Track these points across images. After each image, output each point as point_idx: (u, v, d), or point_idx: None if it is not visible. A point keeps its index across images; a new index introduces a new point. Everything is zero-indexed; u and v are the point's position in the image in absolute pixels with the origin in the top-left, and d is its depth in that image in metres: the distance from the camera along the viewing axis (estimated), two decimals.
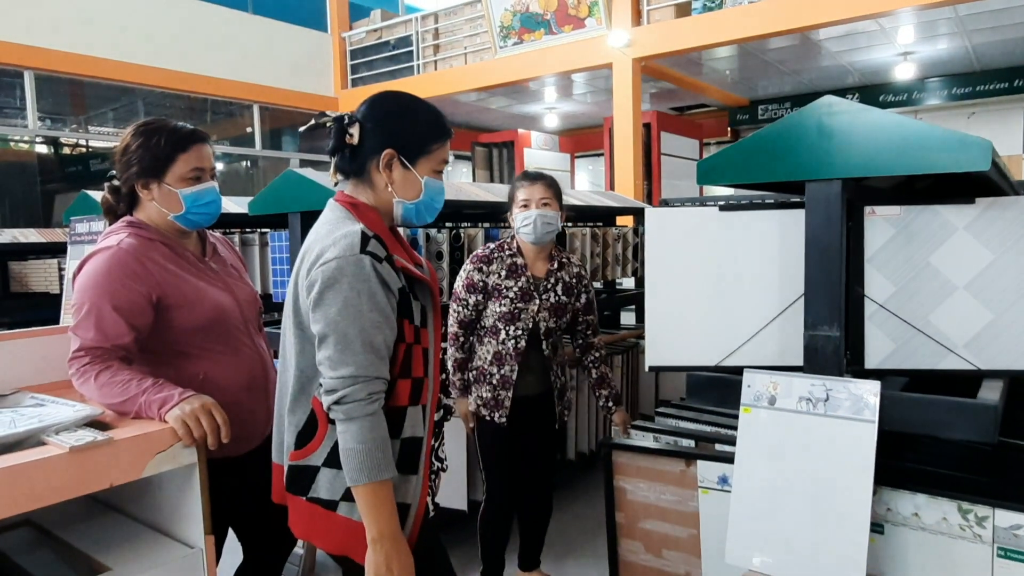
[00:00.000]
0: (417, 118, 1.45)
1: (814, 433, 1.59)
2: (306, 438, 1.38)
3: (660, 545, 2.03)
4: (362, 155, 1.42)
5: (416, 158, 1.43)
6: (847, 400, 1.56)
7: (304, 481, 1.39)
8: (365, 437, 1.28)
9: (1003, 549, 1.48)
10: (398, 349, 1.37)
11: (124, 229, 1.66)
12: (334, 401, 1.29)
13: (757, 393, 1.67)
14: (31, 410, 1.47)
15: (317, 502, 1.38)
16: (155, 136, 1.66)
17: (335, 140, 1.42)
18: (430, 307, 1.45)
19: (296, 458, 1.39)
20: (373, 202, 1.44)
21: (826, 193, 1.61)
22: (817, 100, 1.60)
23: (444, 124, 1.48)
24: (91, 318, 1.54)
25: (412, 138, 1.43)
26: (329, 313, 1.30)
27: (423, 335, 1.43)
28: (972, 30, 7.37)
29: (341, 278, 1.29)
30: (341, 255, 1.30)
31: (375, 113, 1.43)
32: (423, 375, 1.42)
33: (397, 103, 1.46)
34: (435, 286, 1.50)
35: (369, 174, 1.43)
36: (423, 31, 9.33)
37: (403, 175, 1.43)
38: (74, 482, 1.27)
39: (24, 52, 7.25)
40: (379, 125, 1.42)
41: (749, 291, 1.82)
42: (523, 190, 2.41)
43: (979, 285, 1.64)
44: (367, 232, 1.33)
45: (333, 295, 1.29)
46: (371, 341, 1.30)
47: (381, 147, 1.41)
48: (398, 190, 1.43)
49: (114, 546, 1.53)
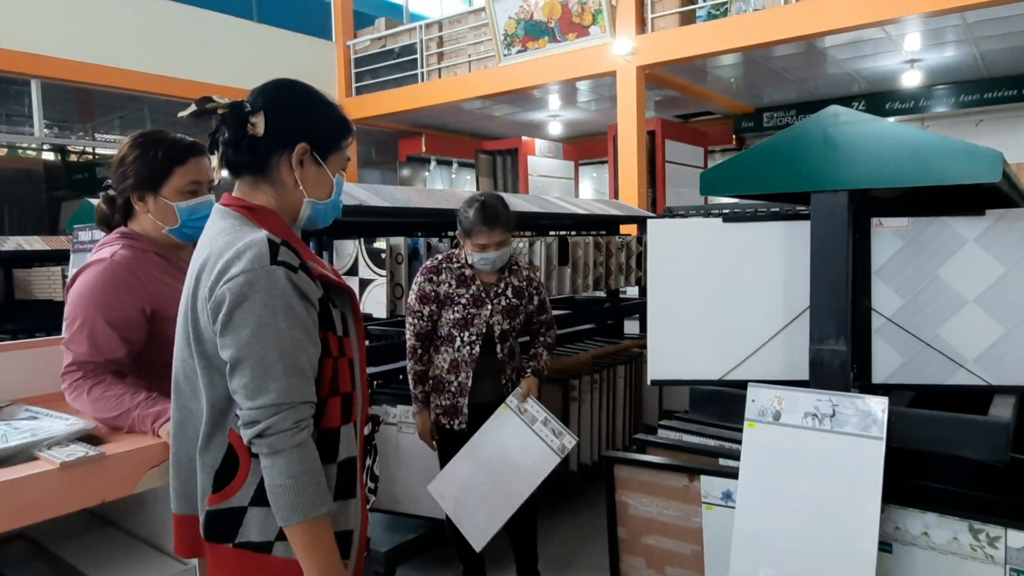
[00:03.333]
0: (328, 111, 1.32)
1: (820, 449, 1.55)
2: (226, 478, 1.21)
3: (663, 561, 1.99)
4: (264, 148, 1.25)
5: (328, 154, 1.30)
6: (854, 416, 1.53)
7: (228, 526, 1.22)
8: (295, 471, 1.14)
9: (1016, 571, 1.45)
10: (324, 365, 1.23)
11: (117, 241, 1.64)
12: (256, 434, 1.14)
13: (762, 408, 1.63)
14: (24, 423, 1.45)
15: (247, 546, 1.21)
16: (153, 148, 1.64)
17: (233, 131, 1.24)
18: (350, 313, 1.32)
19: (216, 502, 1.22)
20: (274, 203, 1.28)
21: (832, 204, 1.58)
22: (823, 110, 1.58)
23: (348, 119, 1.35)
24: (84, 332, 1.52)
25: (324, 133, 1.30)
26: (241, 336, 1.14)
27: (347, 345, 1.29)
28: (980, 37, 7.34)
29: (251, 294, 1.14)
30: (249, 268, 1.14)
31: (282, 102, 1.28)
32: (351, 389, 1.29)
33: (306, 93, 1.31)
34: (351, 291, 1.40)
35: (275, 171, 1.27)
36: (427, 39, 9.35)
37: (316, 172, 1.29)
38: (65, 498, 1.25)
39: (31, 60, 7.28)
40: (289, 116, 1.27)
41: (753, 303, 1.80)
42: (483, 235, 2.39)
43: (990, 298, 1.61)
44: (274, 239, 1.18)
45: (244, 315, 1.14)
46: (294, 362, 1.15)
47: (292, 141, 1.25)
48: (310, 189, 1.29)
49: (108, 561, 1.51)
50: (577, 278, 3.75)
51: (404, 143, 11.74)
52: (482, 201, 2.43)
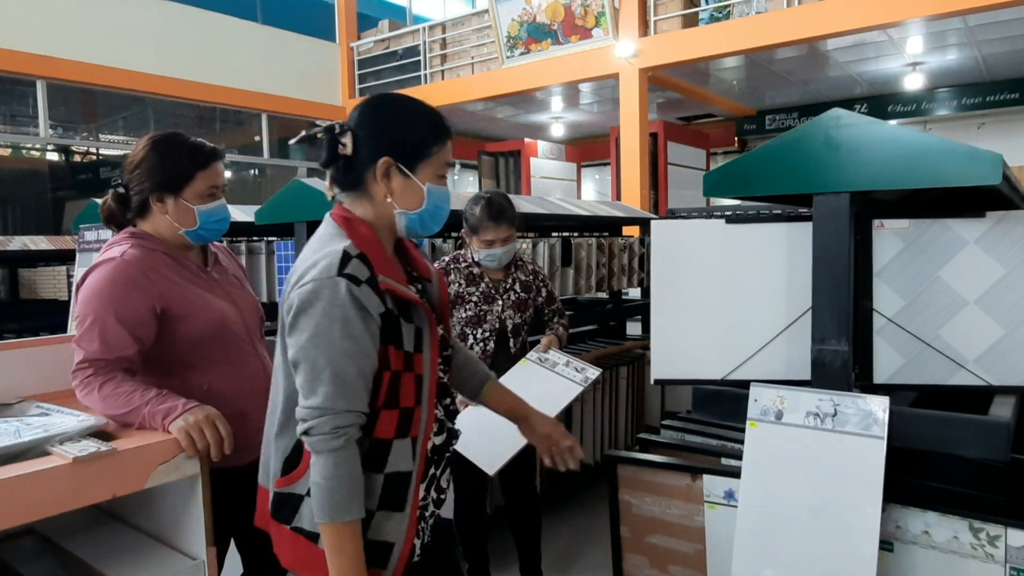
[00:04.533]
0: (413, 120, 1.34)
1: (822, 449, 1.57)
2: (292, 465, 1.30)
3: (666, 560, 2.01)
4: (357, 166, 1.31)
5: (415, 164, 1.32)
6: (855, 415, 1.54)
7: (289, 509, 1.30)
8: (327, 474, 1.20)
9: (1016, 569, 1.46)
10: (382, 377, 1.26)
11: (127, 240, 1.66)
12: (303, 432, 1.22)
13: (764, 407, 1.65)
14: (36, 419, 1.46)
15: (300, 532, 1.29)
16: (175, 152, 1.66)
17: (327, 152, 1.31)
18: (427, 330, 1.33)
19: (282, 485, 1.31)
20: (371, 215, 1.34)
21: (834, 206, 1.59)
22: (824, 113, 1.59)
23: (443, 123, 1.36)
24: (95, 330, 1.54)
25: (409, 142, 1.32)
26: (301, 340, 1.22)
27: (416, 361, 1.31)
28: (982, 40, 7.35)
29: (315, 302, 1.21)
30: (317, 278, 1.22)
31: (367, 119, 1.32)
32: (414, 404, 1.31)
33: (390, 106, 1.35)
34: (443, 306, 1.42)
35: (366, 185, 1.32)
36: (430, 41, 9.37)
37: (403, 183, 1.32)
38: (77, 493, 1.27)
39: (37, 61, 7.32)
40: (373, 132, 1.31)
41: (756, 304, 1.81)
42: (490, 231, 2.41)
43: (990, 300, 1.63)
44: (350, 251, 1.24)
45: (305, 321, 1.22)
46: (340, 372, 1.20)
47: (376, 155, 1.30)
48: (398, 200, 1.32)
49: (117, 557, 1.52)
50: (580, 279, 3.76)
51: None
52: (487, 198, 2.45)
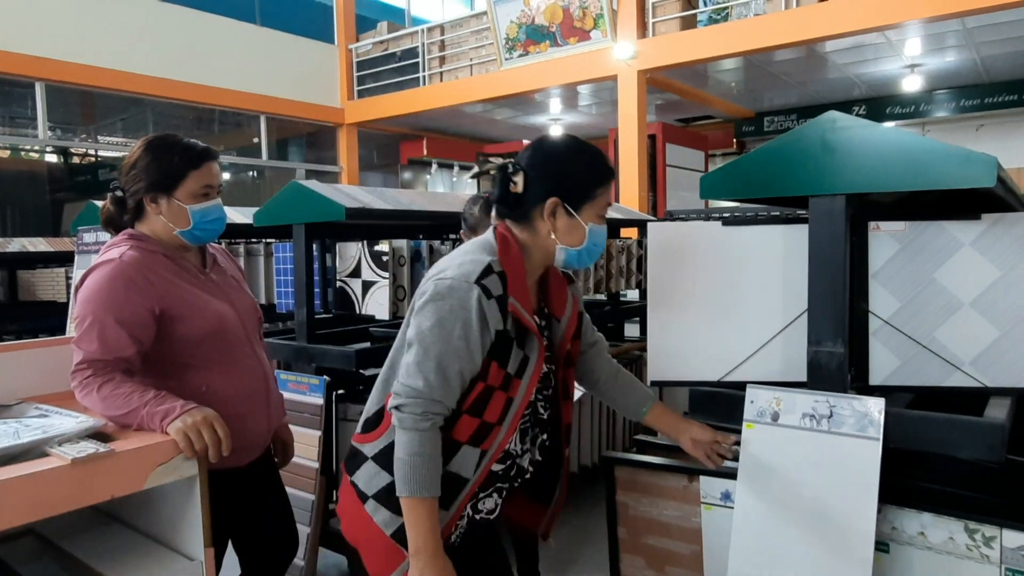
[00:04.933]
0: (581, 163, 1.43)
1: (818, 450, 1.57)
2: (371, 426, 1.43)
3: (663, 561, 2.01)
4: (526, 202, 1.41)
5: (581, 205, 1.41)
6: (851, 417, 1.55)
7: (354, 463, 1.44)
8: (413, 450, 1.30)
9: (1011, 570, 1.46)
10: (475, 386, 1.35)
11: (125, 242, 1.67)
12: (395, 406, 1.32)
13: (760, 409, 1.65)
14: (35, 421, 1.47)
15: (355, 487, 1.42)
16: (168, 152, 1.67)
17: (499, 189, 1.43)
18: (534, 360, 1.41)
19: (357, 440, 1.45)
20: (530, 242, 1.43)
21: (830, 208, 1.60)
22: (821, 115, 1.60)
23: (607, 166, 1.46)
24: (94, 331, 1.54)
25: (577, 185, 1.41)
26: (423, 325, 1.32)
27: (513, 384, 1.39)
28: (980, 42, 7.37)
29: (446, 298, 1.31)
30: (456, 276, 1.32)
31: (538, 160, 1.42)
32: (495, 422, 1.38)
33: (561, 149, 1.44)
34: (563, 343, 1.51)
35: (532, 220, 1.42)
36: (429, 43, 9.38)
37: (567, 222, 1.41)
38: (76, 493, 1.27)
39: (36, 63, 7.32)
40: (543, 172, 1.41)
41: (752, 306, 1.82)
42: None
43: (986, 302, 1.63)
44: (494, 267, 1.34)
45: (432, 310, 1.32)
46: (445, 366, 1.31)
47: (545, 195, 1.39)
48: (562, 237, 1.42)
49: (116, 557, 1.53)
50: (577, 280, 3.76)
51: (406, 146, 11.77)
52: (486, 198, 2.47)
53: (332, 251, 3.10)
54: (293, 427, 2.52)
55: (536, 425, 1.53)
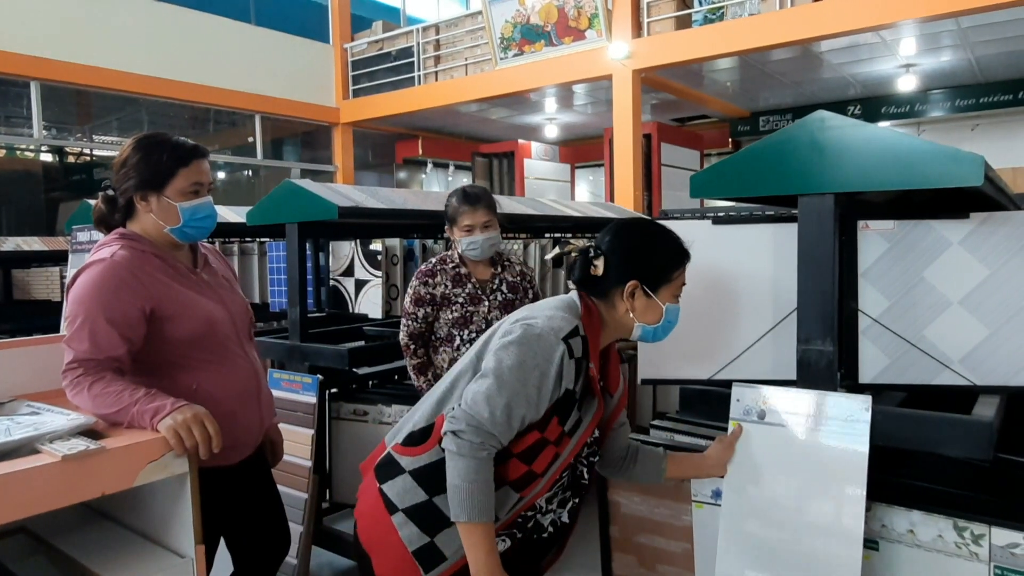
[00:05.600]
0: (658, 247, 1.49)
1: (805, 449, 1.57)
2: (415, 441, 1.44)
3: (654, 560, 2.02)
4: (605, 283, 1.47)
5: (658, 287, 1.47)
6: (838, 415, 1.55)
7: (388, 472, 1.44)
8: (471, 477, 1.31)
9: (1000, 568, 1.47)
10: (531, 434, 1.38)
11: (117, 241, 1.67)
12: (452, 430, 1.33)
13: (747, 407, 1.66)
14: (27, 418, 1.47)
15: (383, 496, 1.43)
16: (157, 150, 1.67)
17: (580, 272, 1.49)
18: (587, 421, 1.46)
19: (398, 451, 1.45)
20: (608, 316, 1.49)
21: (819, 207, 1.61)
22: (810, 115, 1.60)
23: (683, 249, 1.51)
24: (85, 330, 1.54)
25: (654, 269, 1.47)
26: (504, 361, 1.35)
27: (564, 441, 1.43)
28: (975, 42, 7.39)
29: (535, 344, 1.36)
30: (547, 328, 1.37)
31: (619, 245, 1.48)
32: (541, 473, 1.42)
33: (641, 235, 1.50)
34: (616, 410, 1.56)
35: (611, 299, 1.48)
36: (424, 42, 9.38)
37: (645, 303, 1.47)
38: (67, 490, 1.27)
39: (31, 63, 7.30)
40: (623, 257, 1.46)
41: (742, 304, 1.82)
42: (466, 216, 2.47)
43: (974, 300, 1.64)
44: (580, 330, 1.41)
45: (518, 351, 1.35)
46: (512, 408, 1.33)
47: (625, 278, 1.45)
48: (639, 316, 1.48)
49: (106, 555, 1.52)
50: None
51: (401, 146, 11.77)
52: (462, 188, 2.55)
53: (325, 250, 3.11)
54: (286, 426, 2.53)
55: (571, 487, 1.55)
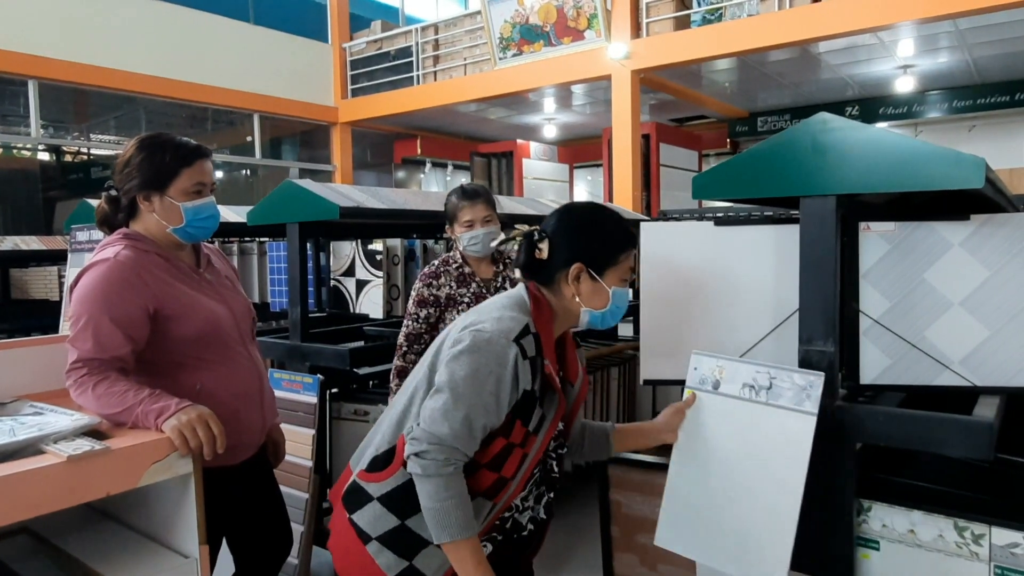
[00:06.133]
0: (603, 229, 1.47)
1: (754, 421, 1.56)
2: (378, 466, 1.40)
3: (655, 559, 2.02)
4: (551, 267, 1.45)
5: (604, 270, 1.44)
6: (790, 390, 1.54)
7: (356, 502, 1.41)
8: (443, 495, 1.29)
9: (1000, 567, 1.48)
10: (496, 441, 1.36)
11: (120, 241, 1.67)
12: (414, 452, 1.30)
13: (702, 377, 1.65)
14: (31, 419, 1.47)
15: (355, 526, 1.39)
16: (160, 150, 1.67)
17: (524, 255, 1.47)
18: (551, 417, 1.44)
19: (362, 478, 1.42)
20: (557, 304, 1.46)
21: (820, 209, 1.61)
22: (812, 117, 1.61)
23: (631, 234, 1.49)
24: (88, 330, 1.54)
25: (600, 251, 1.45)
26: (456, 373, 1.32)
27: (530, 441, 1.41)
28: (973, 43, 7.41)
29: (484, 350, 1.32)
30: (497, 332, 1.34)
31: (563, 227, 1.46)
32: (511, 477, 1.40)
33: (585, 217, 1.48)
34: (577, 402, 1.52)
35: (557, 283, 1.45)
36: (423, 42, 9.38)
37: (591, 287, 1.44)
38: (71, 491, 1.27)
39: (29, 61, 7.29)
40: (568, 239, 1.44)
41: (744, 305, 1.83)
42: (466, 211, 2.50)
43: (975, 301, 1.65)
44: (531, 328, 1.37)
45: (470, 360, 1.32)
46: (472, 419, 1.31)
47: (570, 261, 1.43)
48: (585, 300, 1.45)
49: (110, 555, 1.52)
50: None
51: (399, 145, 11.76)
52: (461, 186, 2.57)
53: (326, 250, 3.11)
54: (287, 426, 2.52)
55: (544, 483, 1.54)
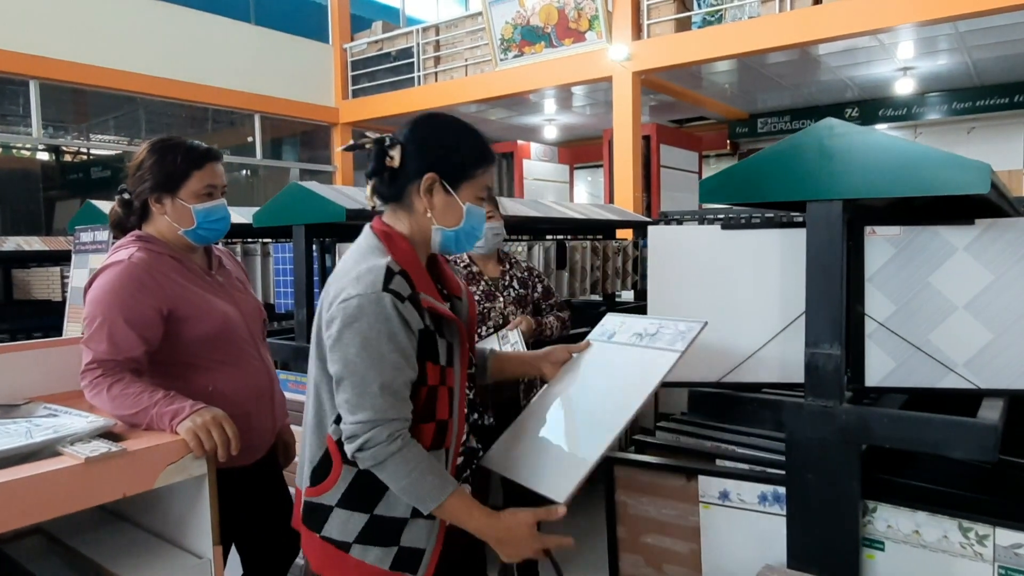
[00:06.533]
0: (461, 141, 1.38)
1: (624, 359, 1.59)
2: (320, 476, 1.35)
3: (661, 560, 2.04)
4: (402, 178, 1.36)
5: (459, 183, 1.36)
6: (670, 334, 1.57)
7: (317, 519, 1.35)
8: (406, 471, 1.25)
9: (1004, 568, 1.50)
10: (419, 392, 1.31)
11: (133, 243, 1.69)
12: (357, 448, 1.25)
13: (604, 330, 1.69)
14: (46, 420, 1.48)
15: (330, 541, 1.34)
16: (171, 153, 1.70)
17: (374, 162, 1.37)
18: (457, 344, 1.38)
19: (311, 495, 1.36)
20: (409, 230, 1.38)
21: (827, 213, 1.63)
22: (818, 122, 1.62)
23: (488, 149, 1.41)
24: (103, 331, 1.56)
25: (455, 162, 1.37)
26: (348, 354, 1.24)
27: (448, 374, 1.36)
28: (972, 46, 7.44)
29: (361, 316, 1.24)
30: (362, 292, 1.24)
31: (417, 135, 1.36)
32: (447, 417, 1.36)
33: (441, 126, 1.39)
34: (471, 320, 1.46)
35: (409, 198, 1.37)
36: (424, 43, 9.40)
37: (444, 200, 1.36)
38: (89, 492, 1.29)
39: (30, 61, 7.29)
40: (421, 148, 1.35)
41: (751, 308, 1.84)
42: None
43: (979, 305, 1.66)
44: (393, 267, 1.28)
45: (352, 335, 1.24)
46: (390, 384, 1.24)
47: (422, 171, 1.34)
48: (438, 216, 1.36)
49: (124, 555, 1.54)
50: (575, 282, 3.80)
51: None
52: None
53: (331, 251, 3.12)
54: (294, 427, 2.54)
55: (469, 405, 1.49)
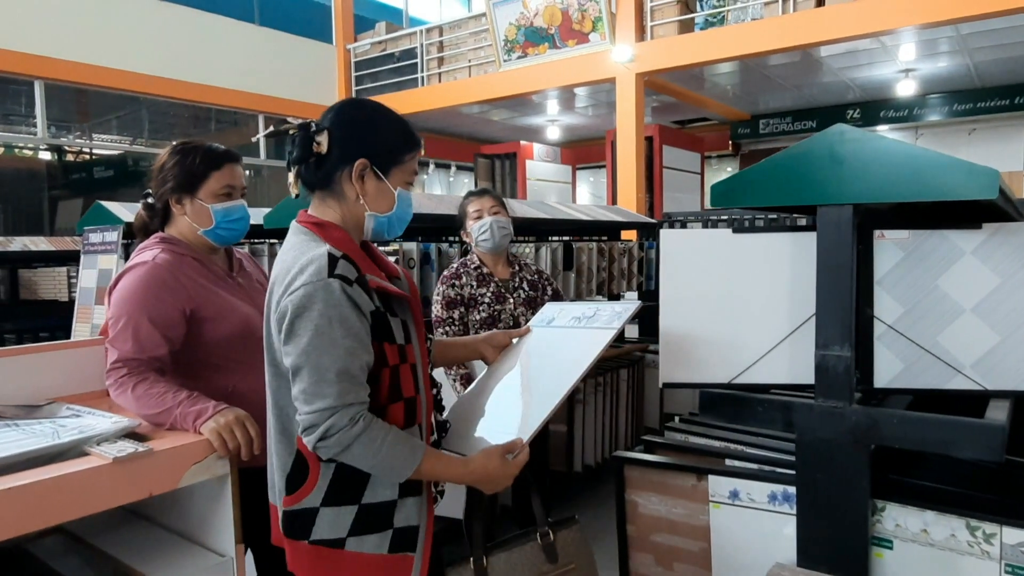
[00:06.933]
0: (389, 127, 1.37)
1: (563, 340, 1.65)
2: (297, 482, 1.31)
3: (671, 558, 2.06)
4: (329, 165, 1.32)
5: (389, 168, 1.35)
6: (606, 315, 1.62)
7: (302, 525, 1.31)
8: (376, 448, 1.22)
9: (1011, 566, 1.52)
10: (382, 374, 1.29)
11: (157, 245, 1.72)
12: (319, 438, 1.21)
13: (544, 316, 1.77)
14: (70, 421, 1.50)
15: (321, 543, 1.30)
16: (191, 154, 1.74)
17: (300, 149, 1.32)
18: (411, 320, 1.37)
19: (290, 503, 1.32)
20: (340, 218, 1.35)
21: (837, 217, 1.65)
22: (829, 128, 1.65)
23: (414, 134, 1.39)
24: (128, 330, 1.59)
25: (385, 148, 1.35)
26: (301, 344, 1.22)
27: (408, 352, 1.35)
28: (973, 48, 7.46)
29: (311, 305, 1.21)
30: (309, 281, 1.22)
31: (345, 120, 1.33)
32: (415, 393, 1.35)
33: (368, 111, 1.37)
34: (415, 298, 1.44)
35: (338, 185, 1.34)
36: (427, 44, 9.42)
37: (376, 186, 1.34)
38: (116, 491, 1.31)
39: (35, 62, 7.32)
40: (350, 133, 1.32)
41: (761, 311, 1.87)
42: (474, 202, 2.67)
43: (986, 308, 1.69)
44: (334, 253, 1.26)
45: (303, 325, 1.22)
46: (347, 370, 1.22)
47: (353, 156, 1.32)
48: (370, 203, 1.35)
49: (146, 553, 1.56)
50: (581, 283, 3.83)
51: None
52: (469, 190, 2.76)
53: None
54: None
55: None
